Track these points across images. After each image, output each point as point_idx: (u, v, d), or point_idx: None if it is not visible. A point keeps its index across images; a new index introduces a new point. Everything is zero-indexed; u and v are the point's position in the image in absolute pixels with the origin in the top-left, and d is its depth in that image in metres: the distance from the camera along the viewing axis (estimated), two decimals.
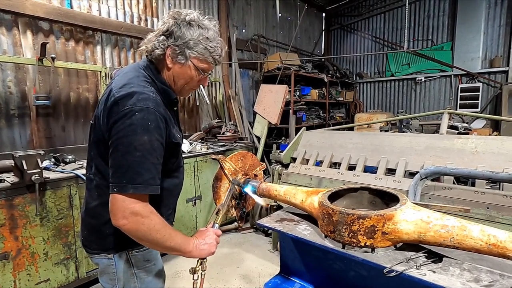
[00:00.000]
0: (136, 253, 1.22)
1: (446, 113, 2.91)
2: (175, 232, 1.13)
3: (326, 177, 2.69)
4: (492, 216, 1.89)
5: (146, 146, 1.01)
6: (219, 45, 1.17)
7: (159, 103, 1.10)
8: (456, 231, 0.98)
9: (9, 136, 2.90)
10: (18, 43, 2.92)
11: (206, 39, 1.13)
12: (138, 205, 1.01)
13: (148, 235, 1.04)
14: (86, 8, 3.40)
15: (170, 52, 1.13)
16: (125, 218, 1.00)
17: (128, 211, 1.00)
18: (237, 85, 5.31)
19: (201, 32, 1.12)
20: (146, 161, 1.01)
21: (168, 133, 1.12)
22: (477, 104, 6.39)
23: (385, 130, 4.56)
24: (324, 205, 1.21)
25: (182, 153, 1.38)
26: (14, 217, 2.22)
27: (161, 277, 1.34)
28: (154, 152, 1.04)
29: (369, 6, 7.84)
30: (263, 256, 3.40)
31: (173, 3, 4.39)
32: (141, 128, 1.01)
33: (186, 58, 1.14)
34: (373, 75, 8.07)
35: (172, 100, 1.22)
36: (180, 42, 1.11)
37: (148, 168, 1.02)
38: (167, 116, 1.13)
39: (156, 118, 1.04)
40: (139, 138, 1.00)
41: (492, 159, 2.07)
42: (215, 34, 1.16)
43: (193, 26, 1.12)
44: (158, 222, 1.06)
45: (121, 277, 1.22)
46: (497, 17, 6.18)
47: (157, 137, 1.05)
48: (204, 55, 1.15)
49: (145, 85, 1.12)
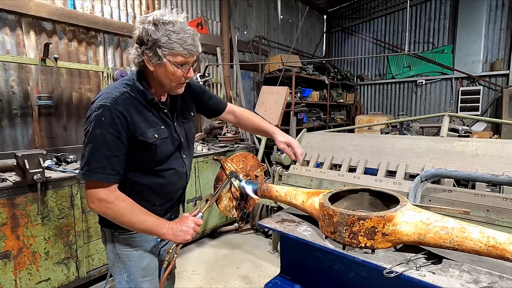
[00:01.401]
0: (118, 235, 1.33)
1: (447, 115, 2.91)
2: (146, 216, 1.21)
3: (326, 178, 2.69)
4: (492, 218, 1.90)
5: (97, 138, 1.14)
6: (187, 35, 1.17)
7: (121, 101, 1.18)
8: (455, 233, 0.98)
9: (12, 136, 2.92)
10: (21, 43, 2.94)
11: (173, 32, 1.15)
12: (102, 192, 1.16)
13: (115, 219, 1.19)
14: (89, 9, 3.42)
15: (146, 57, 1.19)
16: (92, 203, 1.18)
17: (95, 197, 1.16)
18: (238, 87, 5.32)
19: (166, 28, 1.14)
20: (95, 152, 1.14)
21: (133, 130, 1.20)
22: (478, 107, 6.39)
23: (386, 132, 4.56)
24: (324, 206, 1.22)
25: (180, 156, 1.39)
26: (16, 216, 2.23)
27: (145, 266, 1.38)
28: (106, 144, 1.14)
29: (370, 8, 7.86)
30: (263, 257, 3.40)
31: (175, 4, 4.42)
32: (95, 122, 1.14)
33: (160, 57, 1.17)
34: (374, 77, 8.08)
35: (148, 100, 1.27)
36: (150, 45, 1.16)
37: (96, 158, 1.14)
38: (137, 114, 1.22)
39: (110, 114, 1.15)
40: (93, 131, 1.14)
41: (492, 162, 2.08)
42: (182, 25, 1.17)
43: (157, 25, 1.15)
44: (123, 207, 1.18)
45: (109, 253, 1.38)
46: (498, 20, 6.19)
47: (111, 131, 1.15)
48: (175, 49, 1.16)
49: (119, 87, 1.24)
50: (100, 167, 1.14)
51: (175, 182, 1.40)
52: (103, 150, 1.14)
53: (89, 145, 1.15)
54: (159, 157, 1.29)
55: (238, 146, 4.23)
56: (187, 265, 3.26)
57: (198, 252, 3.57)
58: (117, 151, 1.17)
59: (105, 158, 1.15)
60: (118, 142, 1.17)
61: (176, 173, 1.38)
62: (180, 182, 1.43)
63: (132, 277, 1.36)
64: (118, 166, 1.18)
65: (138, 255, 1.36)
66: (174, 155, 1.36)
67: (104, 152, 1.14)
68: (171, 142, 1.33)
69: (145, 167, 1.28)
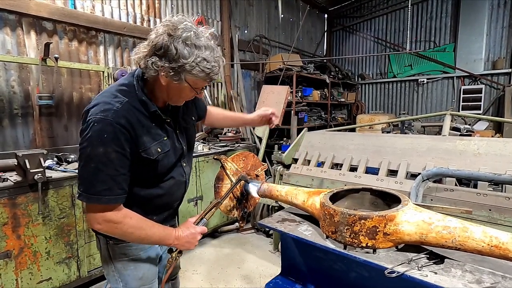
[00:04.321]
0: (113, 244, 1.27)
1: (449, 114, 2.90)
2: (153, 230, 1.17)
3: (327, 178, 2.69)
4: (494, 218, 1.89)
5: (100, 158, 1.03)
6: (216, 64, 1.09)
7: (123, 114, 1.07)
8: (458, 233, 0.98)
9: (12, 136, 2.92)
10: (22, 43, 2.94)
11: (203, 60, 1.05)
12: (110, 213, 1.09)
13: (124, 236, 1.15)
14: (90, 9, 3.42)
15: (164, 72, 1.06)
16: (99, 224, 1.10)
17: (101, 218, 1.08)
18: (239, 86, 5.32)
19: (197, 54, 1.04)
20: (100, 173, 1.04)
21: (136, 145, 1.11)
22: (480, 105, 6.36)
23: (387, 131, 4.55)
24: (325, 205, 1.21)
25: (180, 164, 1.33)
26: (17, 216, 2.24)
27: (142, 276, 1.32)
28: (111, 163, 1.05)
29: (372, 7, 7.83)
30: (264, 257, 3.40)
31: (176, 4, 4.41)
32: (97, 140, 1.03)
33: (181, 78, 1.07)
34: (375, 76, 8.06)
35: (151, 112, 1.16)
36: (175, 65, 1.04)
37: (102, 179, 1.05)
38: (140, 127, 1.12)
39: (113, 130, 1.04)
40: (94, 150, 1.03)
41: (494, 161, 2.06)
42: (213, 52, 1.08)
43: (189, 46, 1.03)
44: (131, 225, 1.12)
45: (104, 261, 1.33)
46: (500, 19, 6.16)
47: (115, 148, 1.05)
48: (201, 77, 1.08)
49: (117, 94, 1.12)
50: (107, 189, 1.05)
51: (174, 193, 1.33)
52: (109, 170, 1.05)
53: (90, 165, 1.04)
54: (160, 170, 1.23)
55: (238, 145, 4.22)
56: (188, 265, 3.26)
57: (199, 251, 3.57)
58: (123, 168, 1.08)
59: (111, 178, 1.06)
60: (124, 159, 1.08)
61: (175, 183, 1.32)
62: (179, 191, 1.36)
63: (128, 286, 1.30)
64: (125, 184, 1.11)
65: (134, 264, 1.30)
66: (175, 164, 1.30)
67: (109, 173, 1.05)
68: (174, 153, 1.27)
69: (144, 180, 1.22)
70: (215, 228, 3.94)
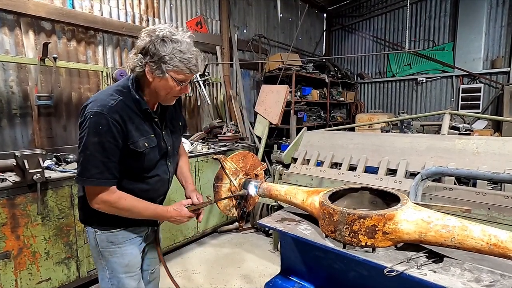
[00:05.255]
0: (100, 233, 1.40)
1: (447, 113, 2.90)
2: (146, 208, 1.35)
3: (327, 177, 2.69)
4: (493, 216, 1.89)
5: (95, 147, 1.21)
6: (193, 56, 1.25)
7: (117, 110, 1.23)
8: (457, 231, 0.98)
9: (11, 136, 2.91)
10: (20, 43, 2.93)
11: (180, 52, 1.22)
12: (105, 195, 1.26)
13: (120, 214, 1.32)
14: (88, 8, 3.41)
15: (148, 68, 1.24)
16: (97, 204, 1.28)
17: (99, 199, 1.26)
18: (238, 85, 5.31)
19: (174, 46, 1.21)
20: (94, 159, 1.21)
21: (126, 138, 1.26)
22: (479, 105, 6.37)
23: (386, 130, 4.55)
24: (325, 205, 1.21)
25: (165, 163, 1.47)
26: (16, 216, 2.23)
27: (128, 263, 1.44)
28: (104, 152, 1.22)
29: (370, 6, 7.83)
30: (264, 256, 3.40)
31: (174, 4, 4.40)
32: (93, 131, 1.20)
33: (163, 72, 1.23)
34: (374, 75, 8.06)
35: (142, 110, 1.32)
36: (156, 58, 1.21)
37: (95, 165, 1.22)
38: (130, 123, 1.28)
39: (107, 123, 1.20)
40: (91, 139, 1.20)
41: (493, 159, 2.07)
42: (188, 46, 1.24)
43: (166, 42, 1.21)
44: (125, 205, 1.30)
45: (93, 250, 1.46)
46: (498, 18, 6.17)
47: (109, 139, 1.21)
48: (180, 67, 1.23)
49: (113, 93, 1.28)
50: (99, 173, 1.22)
51: (158, 188, 1.47)
52: (101, 157, 1.22)
53: (86, 153, 1.22)
54: (147, 164, 1.36)
55: (238, 145, 4.22)
56: (187, 264, 3.26)
57: (198, 251, 3.57)
58: (114, 157, 1.25)
59: (103, 164, 1.23)
60: (115, 149, 1.24)
61: (160, 180, 1.45)
62: (163, 188, 1.51)
63: (114, 273, 1.42)
64: (115, 170, 1.27)
65: (120, 251, 1.42)
66: (160, 162, 1.43)
67: (102, 159, 1.22)
68: (159, 150, 1.40)
69: (132, 173, 1.35)
70: (214, 227, 3.94)
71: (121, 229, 1.41)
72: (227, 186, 1.64)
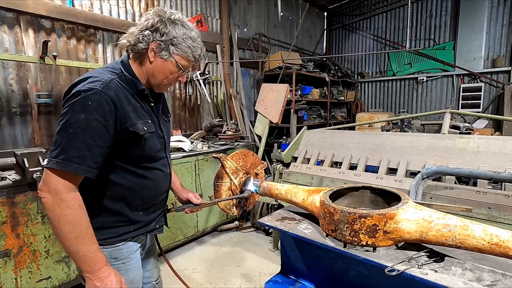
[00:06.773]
0: (103, 249, 1.16)
1: (448, 112, 2.89)
2: (91, 242, 1.03)
3: (327, 176, 2.68)
4: (494, 216, 1.89)
5: (80, 124, 1.00)
6: (199, 46, 1.24)
7: (112, 87, 1.09)
8: (458, 231, 0.97)
9: (11, 134, 2.91)
10: (20, 41, 2.92)
11: (189, 38, 1.19)
12: (62, 185, 0.99)
13: (57, 221, 1.00)
14: (88, 7, 3.40)
15: (154, 46, 1.17)
16: (47, 192, 0.99)
17: (52, 186, 0.99)
18: (238, 84, 5.30)
19: (185, 31, 1.18)
20: (76, 138, 0.99)
21: (123, 120, 1.10)
22: (479, 104, 6.36)
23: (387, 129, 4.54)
24: (325, 204, 1.21)
25: (165, 155, 1.34)
26: (16, 215, 2.23)
27: (132, 279, 1.29)
28: (90, 132, 1.01)
29: (371, 5, 7.81)
30: (264, 255, 3.40)
31: (175, 2, 4.39)
32: (79, 106, 1.01)
33: (169, 54, 1.18)
34: (375, 74, 8.05)
35: (139, 90, 1.21)
36: (166, 38, 1.16)
37: (76, 146, 0.99)
38: (127, 103, 1.14)
39: (100, 99, 1.03)
40: (75, 115, 1.00)
41: (494, 159, 2.06)
42: (196, 35, 1.23)
43: (177, 25, 1.18)
44: (74, 215, 1.00)
45: None
46: (499, 17, 6.15)
47: (98, 117, 1.02)
48: (186, 53, 1.20)
49: (104, 72, 1.15)
50: (79, 157, 0.99)
51: (159, 184, 1.32)
52: (85, 137, 1.00)
53: (67, 130, 0.99)
54: (147, 152, 1.21)
55: (238, 144, 4.21)
56: (187, 263, 3.26)
57: (198, 250, 3.57)
58: (101, 141, 1.04)
59: (87, 147, 1.00)
60: (104, 131, 1.04)
61: (161, 174, 1.32)
62: (164, 183, 1.36)
63: None
64: (100, 158, 1.05)
65: (125, 267, 1.25)
66: (159, 154, 1.30)
67: (85, 140, 1.00)
68: (157, 138, 1.27)
69: (131, 163, 1.19)
70: (214, 226, 3.94)
71: (127, 241, 1.24)
72: (227, 185, 1.64)
